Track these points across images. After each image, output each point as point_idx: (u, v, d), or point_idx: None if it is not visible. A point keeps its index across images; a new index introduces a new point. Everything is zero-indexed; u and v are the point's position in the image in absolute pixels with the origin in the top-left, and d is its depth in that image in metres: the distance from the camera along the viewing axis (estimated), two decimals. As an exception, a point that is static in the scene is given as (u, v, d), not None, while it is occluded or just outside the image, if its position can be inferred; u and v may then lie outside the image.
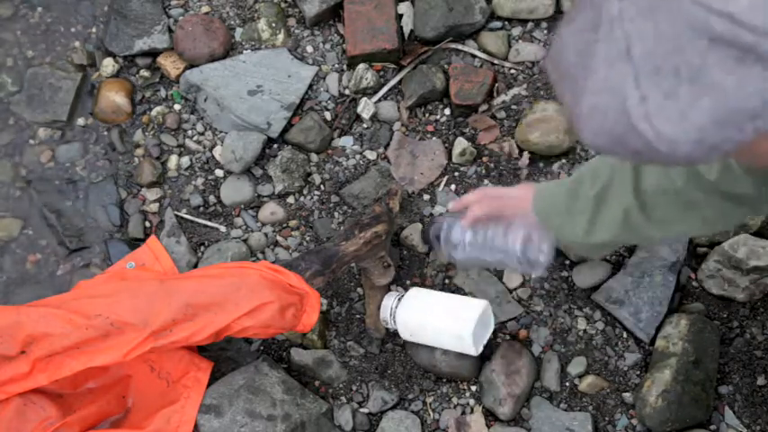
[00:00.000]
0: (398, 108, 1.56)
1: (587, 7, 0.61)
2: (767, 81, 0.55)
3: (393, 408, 1.37)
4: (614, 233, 1.10)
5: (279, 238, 1.49)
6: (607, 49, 0.59)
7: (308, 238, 1.49)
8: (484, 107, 1.55)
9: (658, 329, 1.38)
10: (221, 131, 1.55)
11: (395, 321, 1.35)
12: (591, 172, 1.12)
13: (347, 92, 1.58)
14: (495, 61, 1.58)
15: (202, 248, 1.49)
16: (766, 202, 0.99)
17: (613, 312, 1.40)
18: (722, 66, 0.55)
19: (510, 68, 1.58)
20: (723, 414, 1.36)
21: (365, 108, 1.55)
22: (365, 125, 1.56)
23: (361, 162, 1.53)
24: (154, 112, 1.57)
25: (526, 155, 1.50)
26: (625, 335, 1.40)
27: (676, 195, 1.03)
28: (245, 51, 1.60)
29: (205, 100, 1.55)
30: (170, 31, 1.61)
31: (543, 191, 1.20)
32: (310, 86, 1.58)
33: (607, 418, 1.36)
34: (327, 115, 1.56)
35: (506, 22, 1.61)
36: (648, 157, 0.61)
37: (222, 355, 1.38)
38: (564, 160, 1.51)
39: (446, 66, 1.57)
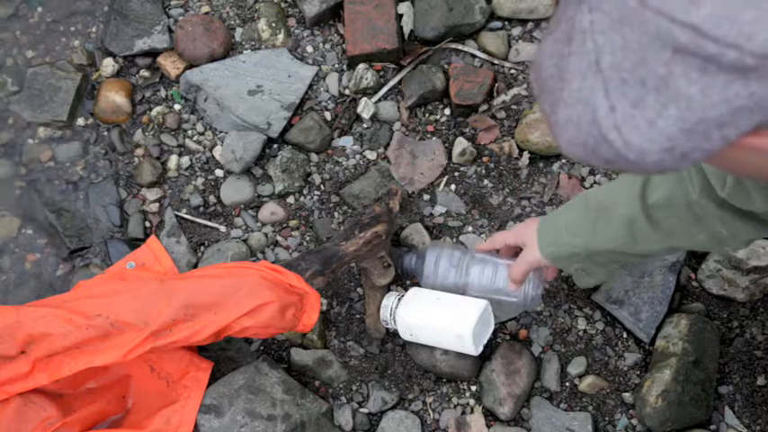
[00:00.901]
0: (398, 108, 1.56)
1: (563, 20, 0.62)
2: (730, 91, 0.55)
3: (393, 408, 1.37)
4: (618, 243, 1.12)
5: (279, 238, 1.49)
6: (579, 61, 0.60)
7: (308, 238, 1.49)
8: (484, 107, 1.55)
9: (658, 329, 1.38)
10: (221, 131, 1.55)
11: (395, 321, 1.35)
12: (594, 190, 1.16)
13: (347, 92, 1.58)
14: (495, 61, 1.58)
15: (202, 248, 1.49)
16: None
17: (613, 312, 1.40)
18: (687, 76, 0.55)
19: (510, 68, 1.58)
20: (723, 414, 1.36)
21: (365, 108, 1.55)
22: (365, 125, 1.56)
23: (361, 162, 1.53)
24: (154, 112, 1.57)
25: (526, 155, 1.50)
26: (625, 335, 1.40)
27: (687, 208, 1.03)
28: (245, 51, 1.60)
29: (205, 100, 1.55)
30: (170, 31, 1.61)
31: (547, 216, 1.24)
32: (310, 86, 1.58)
33: (607, 418, 1.36)
34: (327, 115, 1.56)
35: (506, 22, 1.61)
36: (620, 165, 0.62)
37: (222, 355, 1.38)
38: (564, 160, 1.51)
39: (446, 66, 1.57)
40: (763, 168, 0.64)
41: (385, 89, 1.57)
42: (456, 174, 1.52)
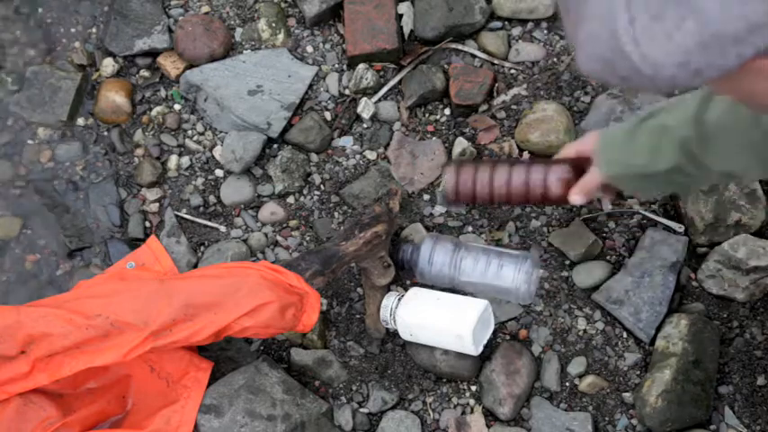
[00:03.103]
0: (398, 108, 1.56)
1: None
2: (748, 6, 0.56)
3: (393, 408, 1.37)
4: (673, 163, 1.11)
5: (279, 238, 1.49)
6: None
7: (308, 238, 1.49)
8: (484, 107, 1.55)
9: (658, 329, 1.38)
10: (221, 131, 1.55)
11: (395, 321, 1.35)
12: (651, 111, 1.15)
13: (347, 92, 1.58)
14: (495, 61, 1.58)
15: (202, 248, 1.49)
16: None
17: (613, 312, 1.40)
18: None
19: (510, 68, 1.58)
20: (723, 414, 1.36)
21: (365, 108, 1.55)
22: (365, 125, 1.56)
23: (361, 162, 1.53)
24: (154, 112, 1.57)
25: (526, 155, 1.50)
26: (625, 335, 1.40)
27: (737, 133, 1.02)
28: (245, 51, 1.60)
29: (205, 100, 1.55)
30: (170, 31, 1.61)
31: (607, 133, 1.23)
32: (310, 86, 1.58)
33: (607, 418, 1.36)
34: (327, 115, 1.56)
35: (506, 22, 1.61)
36: (635, 81, 0.62)
37: (222, 355, 1.38)
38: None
39: (446, 66, 1.57)
40: None
41: (385, 89, 1.57)
42: (456, 174, 1.52)
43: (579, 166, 1.29)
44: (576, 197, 1.26)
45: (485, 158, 1.50)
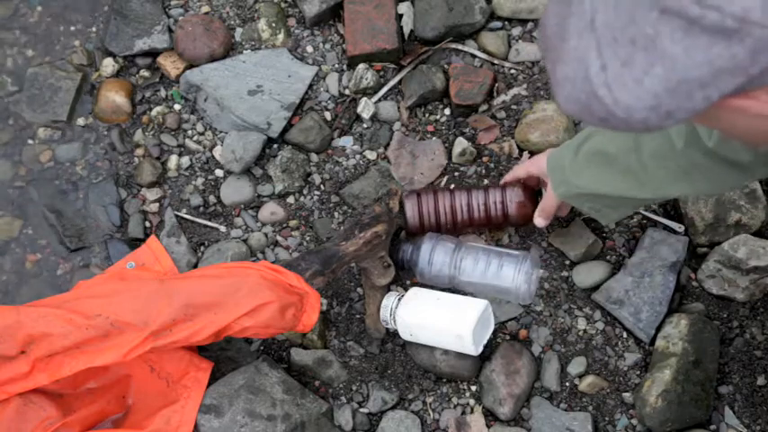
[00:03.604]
0: (398, 108, 1.56)
1: None
2: (712, 52, 0.57)
3: (393, 408, 1.37)
4: (622, 189, 1.18)
5: (279, 238, 1.49)
6: (577, 21, 0.62)
7: (308, 238, 1.49)
8: (484, 107, 1.55)
9: (658, 329, 1.38)
10: (221, 131, 1.55)
11: (395, 321, 1.35)
12: (591, 135, 1.20)
13: (347, 92, 1.58)
14: (495, 61, 1.58)
15: (202, 248, 1.49)
16: (762, 165, 1.03)
17: (613, 312, 1.40)
18: (672, 36, 0.58)
19: (510, 68, 1.58)
20: (723, 414, 1.36)
21: (365, 108, 1.55)
22: (365, 125, 1.56)
23: (361, 162, 1.53)
24: (154, 112, 1.57)
25: (526, 155, 1.50)
26: (625, 335, 1.40)
27: (673, 160, 1.07)
28: (245, 51, 1.60)
29: (205, 100, 1.55)
30: (170, 31, 1.61)
31: (555, 154, 1.29)
32: (310, 86, 1.58)
33: (607, 418, 1.36)
34: (327, 115, 1.56)
35: (506, 22, 1.61)
36: (611, 123, 0.64)
37: (222, 355, 1.38)
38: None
39: (446, 66, 1.57)
40: (750, 129, 0.66)
41: (385, 89, 1.57)
42: (456, 174, 1.52)
43: (530, 187, 1.40)
44: (539, 220, 1.36)
45: (439, 187, 1.50)
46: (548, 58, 0.67)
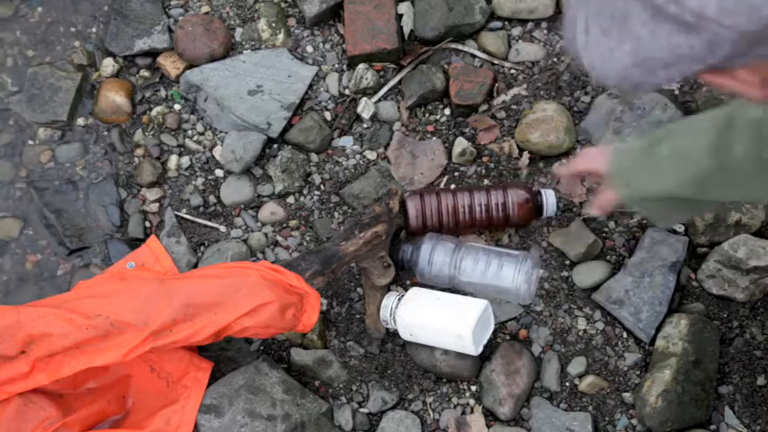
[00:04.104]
0: (398, 108, 1.56)
1: None
2: (673, 39, 0.63)
3: (393, 408, 1.37)
4: (691, 191, 1.12)
5: (279, 238, 1.49)
6: None
7: (308, 238, 1.49)
8: (484, 107, 1.55)
9: (658, 329, 1.38)
10: (221, 131, 1.55)
11: (395, 321, 1.35)
12: (667, 133, 1.17)
13: (347, 92, 1.58)
14: (495, 61, 1.58)
15: (202, 248, 1.49)
16: None
17: (613, 312, 1.40)
18: (641, 17, 0.63)
19: (510, 68, 1.58)
20: (723, 414, 1.36)
21: (365, 108, 1.55)
22: (365, 125, 1.56)
23: (361, 162, 1.54)
24: (154, 112, 1.57)
25: (526, 155, 1.50)
26: (625, 335, 1.40)
27: (756, 162, 1.02)
28: (245, 51, 1.60)
29: (205, 100, 1.55)
30: (170, 31, 1.61)
31: (619, 153, 1.23)
32: (310, 86, 1.58)
33: (607, 418, 1.36)
34: (327, 115, 1.56)
35: (506, 22, 1.61)
36: (594, 79, 0.72)
37: (222, 355, 1.38)
38: (564, 160, 1.51)
39: (446, 66, 1.57)
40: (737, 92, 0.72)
41: (385, 89, 1.57)
42: (456, 174, 1.52)
43: (531, 188, 1.44)
44: (595, 210, 1.31)
45: (440, 187, 1.50)
46: (565, 23, 0.74)
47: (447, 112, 1.56)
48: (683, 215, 1.31)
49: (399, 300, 1.36)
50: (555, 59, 1.57)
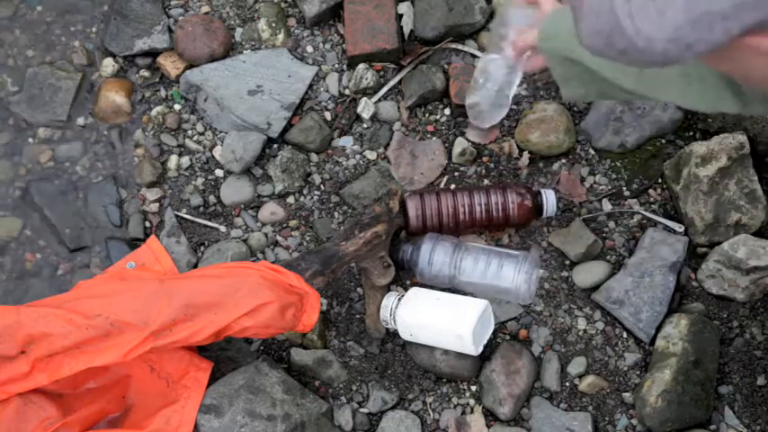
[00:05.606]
0: (398, 108, 1.56)
1: None
2: None
3: (393, 408, 1.37)
4: (608, 71, 1.12)
5: (279, 238, 1.49)
6: None
7: (308, 238, 1.49)
8: (484, 107, 1.55)
9: (658, 329, 1.38)
10: (221, 131, 1.55)
11: (395, 321, 1.35)
12: None
13: (347, 92, 1.58)
14: (495, 61, 1.58)
15: (202, 248, 1.49)
16: (759, 103, 1.01)
17: (613, 312, 1.40)
18: None
19: (510, 68, 1.58)
20: (723, 414, 1.36)
21: (365, 108, 1.55)
22: (365, 125, 1.56)
23: (361, 162, 1.54)
24: (154, 112, 1.57)
25: (526, 155, 1.50)
26: (625, 335, 1.40)
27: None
28: (245, 51, 1.60)
29: (205, 100, 1.55)
30: (170, 31, 1.61)
31: (559, 12, 1.20)
32: (310, 86, 1.58)
33: (607, 418, 1.36)
34: (327, 115, 1.56)
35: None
36: (632, 55, 0.68)
37: (222, 355, 1.38)
38: (564, 160, 1.51)
39: (446, 66, 1.57)
40: (765, 71, 0.70)
41: (385, 89, 1.57)
42: (456, 174, 1.52)
43: (531, 189, 1.42)
44: (509, 50, 1.27)
45: (440, 188, 1.50)
46: None
47: (447, 112, 1.56)
48: (590, 91, 1.25)
49: (399, 300, 1.36)
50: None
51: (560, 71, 1.22)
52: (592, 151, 1.52)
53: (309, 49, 1.61)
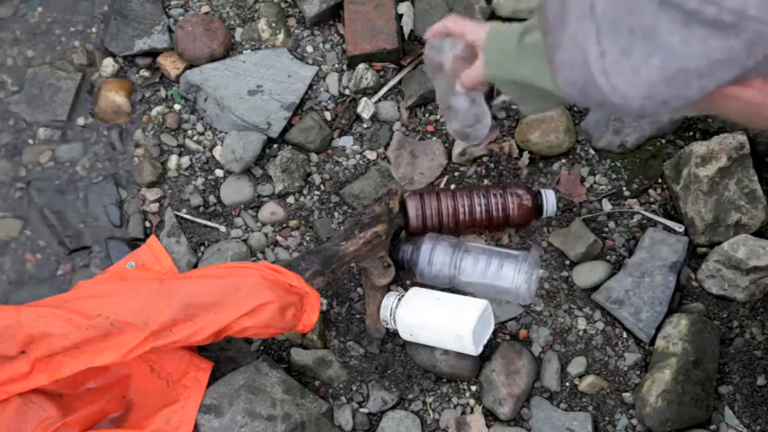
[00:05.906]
0: (398, 108, 1.56)
1: None
2: (709, 44, 0.59)
3: (393, 408, 1.37)
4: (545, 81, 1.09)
5: (279, 238, 1.49)
6: (577, 6, 0.64)
7: (308, 238, 1.49)
8: (484, 107, 1.55)
9: (658, 329, 1.38)
10: (221, 131, 1.55)
11: (395, 321, 1.35)
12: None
13: (347, 92, 1.58)
14: (495, 61, 1.58)
15: (202, 248, 1.49)
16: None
17: (613, 312, 1.40)
18: (670, 27, 0.59)
19: (510, 68, 1.57)
20: (723, 414, 1.36)
21: (365, 108, 1.55)
22: (365, 125, 1.56)
23: (361, 162, 1.54)
24: (154, 112, 1.57)
25: (526, 155, 1.50)
26: (625, 335, 1.40)
27: None
28: (245, 51, 1.60)
29: (205, 100, 1.55)
30: (170, 31, 1.61)
31: (496, 33, 1.19)
32: (310, 86, 1.58)
33: (607, 418, 1.36)
34: (327, 115, 1.56)
35: (506, 22, 1.60)
36: (609, 108, 0.66)
37: (222, 355, 1.38)
38: (564, 160, 1.51)
39: (446, 66, 1.57)
40: (743, 114, 0.69)
41: (385, 89, 1.57)
42: (456, 174, 1.52)
43: (531, 189, 1.43)
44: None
45: (440, 188, 1.50)
46: (547, 40, 0.68)
47: (447, 112, 1.56)
48: (548, 104, 1.27)
49: (399, 300, 1.36)
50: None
51: (514, 93, 1.22)
52: (592, 151, 1.52)
53: (309, 49, 1.61)
